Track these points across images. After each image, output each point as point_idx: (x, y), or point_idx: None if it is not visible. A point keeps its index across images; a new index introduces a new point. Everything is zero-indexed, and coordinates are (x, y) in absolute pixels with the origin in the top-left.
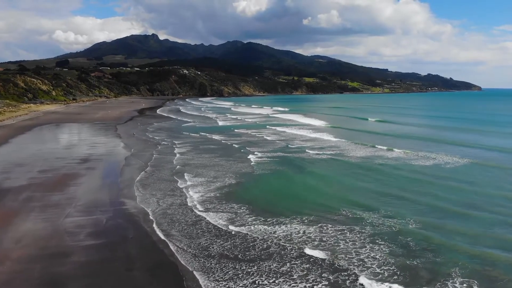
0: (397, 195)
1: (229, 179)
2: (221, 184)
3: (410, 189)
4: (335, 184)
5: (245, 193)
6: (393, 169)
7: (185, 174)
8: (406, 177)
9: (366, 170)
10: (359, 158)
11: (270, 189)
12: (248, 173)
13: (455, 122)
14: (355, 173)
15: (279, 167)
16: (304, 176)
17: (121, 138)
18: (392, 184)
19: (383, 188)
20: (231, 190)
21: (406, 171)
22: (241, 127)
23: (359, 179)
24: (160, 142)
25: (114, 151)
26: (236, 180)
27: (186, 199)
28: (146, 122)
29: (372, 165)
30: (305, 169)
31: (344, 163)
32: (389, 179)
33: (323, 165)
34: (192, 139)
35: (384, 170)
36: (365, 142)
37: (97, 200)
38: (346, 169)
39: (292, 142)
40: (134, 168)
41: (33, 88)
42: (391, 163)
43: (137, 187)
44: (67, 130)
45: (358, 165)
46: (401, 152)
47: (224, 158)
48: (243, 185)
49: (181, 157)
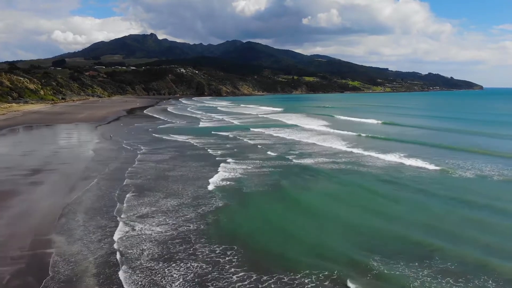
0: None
1: (188, 210)
2: (181, 219)
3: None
4: (343, 215)
5: (213, 230)
6: (430, 186)
7: (133, 199)
8: (453, 199)
9: (388, 188)
10: (372, 169)
11: (246, 224)
12: (211, 195)
13: (475, 124)
14: (368, 193)
15: (258, 183)
16: (299, 200)
17: (94, 142)
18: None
19: (431, 221)
20: (194, 229)
21: (447, 189)
22: (222, 129)
23: (379, 202)
24: (131, 148)
25: (76, 160)
26: (196, 209)
27: (119, 251)
28: (130, 122)
29: (395, 180)
30: (299, 188)
31: (353, 176)
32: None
33: (321, 183)
34: (165, 143)
35: (416, 188)
36: (374, 148)
37: (11, 238)
38: (355, 186)
39: (279, 148)
40: (82, 184)
41: (19, 87)
42: (425, 177)
43: (61, 227)
44: (38, 132)
45: (375, 178)
46: (426, 162)
47: (189, 169)
48: (206, 216)
49: (139, 168)
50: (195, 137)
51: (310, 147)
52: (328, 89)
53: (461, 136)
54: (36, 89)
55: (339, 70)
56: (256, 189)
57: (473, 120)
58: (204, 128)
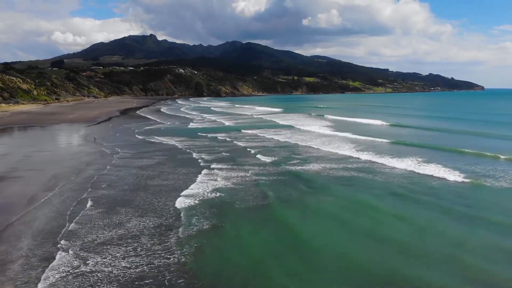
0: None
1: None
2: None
3: None
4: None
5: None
6: (454, 202)
7: (93, 217)
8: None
9: (401, 205)
10: (381, 179)
11: (214, 264)
12: (178, 216)
13: (490, 126)
14: (376, 213)
15: (242, 199)
16: (288, 224)
17: (74, 145)
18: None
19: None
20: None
21: (474, 205)
22: (212, 130)
23: (390, 226)
24: (109, 152)
25: (47, 165)
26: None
27: None
28: (119, 123)
29: (410, 194)
30: (290, 207)
31: (357, 190)
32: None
33: (318, 199)
34: (147, 147)
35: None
36: (383, 153)
37: None
38: (360, 203)
39: (271, 152)
40: (40, 196)
41: (11, 87)
42: (447, 190)
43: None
44: (18, 134)
45: (384, 192)
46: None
47: (166, 178)
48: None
49: (110, 176)
50: (181, 139)
51: (308, 151)
52: (328, 89)
53: (481, 139)
54: (29, 89)
55: (340, 70)
56: (239, 206)
57: (487, 122)
58: (193, 129)
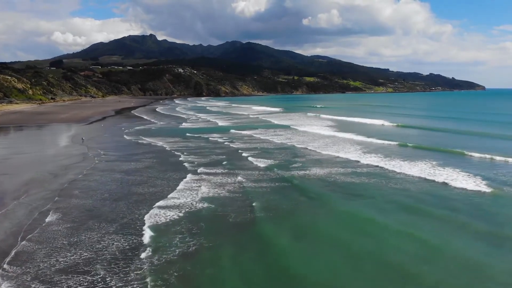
0: None
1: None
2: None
3: None
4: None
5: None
6: (478, 218)
7: (53, 236)
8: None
9: (415, 223)
10: (392, 189)
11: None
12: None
13: (502, 127)
14: (387, 236)
15: (225, 215)
16: (278, 250)
17: (59, 147)
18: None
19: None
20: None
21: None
22: (204, 131)
23: (404, 256)
24: (92, 155)
25: (21, 169)
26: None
27: None
28: (112, 123)
29: (424, 207)
30: (280, 227)
31: (363, 204)
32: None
33: (315, 215)
34: (133, 149)
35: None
36: (392, 156)
37: None
38: (365, 222)
39: (264, 155)
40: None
41: (6, 86)
42: (470, 203)
43: None
44: (3, 134)
45: (395, 207)
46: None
47: (145, 185)
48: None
49: (85, 181)
50: (170, 141)
51: (307, 154)
52: (329, 89)
53: (493, 141)
54: (24, 88)
55: (340, 70)
56: (221, 223)
57: (493, 122)
58: (185, 130)
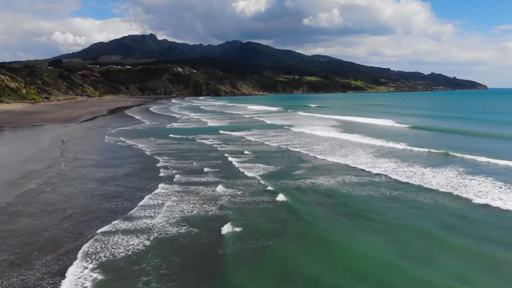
0: None
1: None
2: None
3: None
4: None
5: None
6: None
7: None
8: None
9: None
10: (411, 208)
11: None
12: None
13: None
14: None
15: (196, 244)
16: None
17: (33, 150)
18: None
19: None
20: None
21: None
22: (192, 131)
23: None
24: (61, 160)
25: None
26: None
27: None
28: (100, 123)
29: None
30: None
31: (375, 236)
32: None
33: (308, 248)
34: (110, 152)
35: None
36: (407, 164)
37: None
38: (375, 260)
39: (256, 160)
40: None
41: None
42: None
43: None
44: None
45: (416, 236)
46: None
47: (107, 196)
48: None
49: (32, 193)
50: (153, 143)
51: (305, 161)
52: (330, 88)
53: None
54: (17, 87)
55: (341, 70)
56: (173, 267)
57: (509, 123)
58: (172, 130)
